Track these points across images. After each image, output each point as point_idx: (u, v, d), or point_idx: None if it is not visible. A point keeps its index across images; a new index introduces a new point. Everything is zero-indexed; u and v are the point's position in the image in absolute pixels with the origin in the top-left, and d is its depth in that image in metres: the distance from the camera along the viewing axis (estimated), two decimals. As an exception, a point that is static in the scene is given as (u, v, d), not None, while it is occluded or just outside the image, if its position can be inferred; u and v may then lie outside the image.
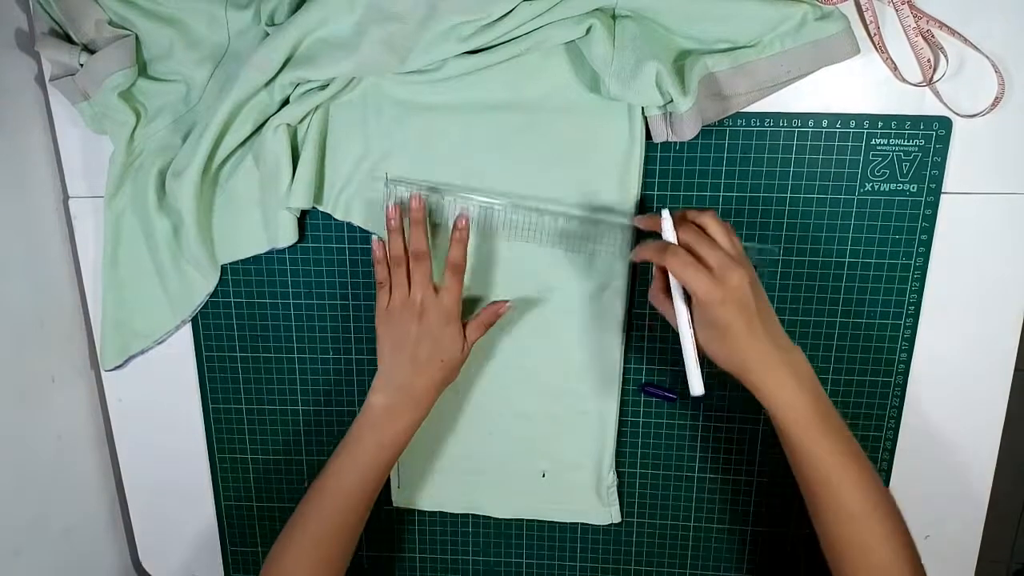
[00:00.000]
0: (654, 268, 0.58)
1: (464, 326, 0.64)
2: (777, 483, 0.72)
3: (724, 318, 0.52)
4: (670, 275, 0.55)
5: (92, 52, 0.62)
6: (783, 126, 0.62)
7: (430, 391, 0.63)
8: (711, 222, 0.54)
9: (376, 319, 0.64)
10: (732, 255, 0.53)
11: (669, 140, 0.61)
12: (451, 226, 0.64)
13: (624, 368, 0.69)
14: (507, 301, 0.65)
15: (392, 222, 0.63)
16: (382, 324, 0.63)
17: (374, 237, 0.64)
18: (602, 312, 0.67)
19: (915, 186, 0.63)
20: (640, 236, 0.64)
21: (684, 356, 0.56)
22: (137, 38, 0.63)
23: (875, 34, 0.59)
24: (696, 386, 0.56)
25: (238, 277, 0.70)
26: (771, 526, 0.73)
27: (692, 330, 0.55)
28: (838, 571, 0.58)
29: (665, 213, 0.55)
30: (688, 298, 0.55)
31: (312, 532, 0.64)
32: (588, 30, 0.57)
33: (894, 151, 0.62)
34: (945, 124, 0.61)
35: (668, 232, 0.55)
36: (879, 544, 0.56)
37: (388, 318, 0.63)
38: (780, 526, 0.73)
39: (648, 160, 0.63)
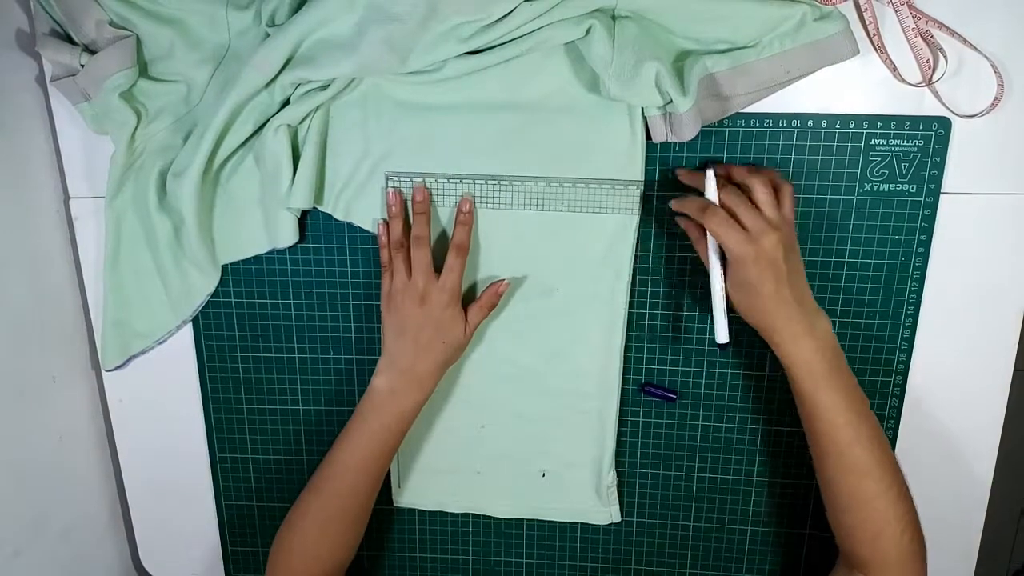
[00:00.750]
0: (685, 224, 0.62)
1: (465, 310, 0.64)
2: (777, 483, 0.72)
3: (754, 276, 0.55)
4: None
5: (93, 53, 0.62)
6: (783, 126, 0.62)
7: (432, 373, 0.64)
8: (758, 185, 0.56)
9: (381, 303, 0.65)
10: (770, 218, 0.55)
11: (669, 140, 0.61)
12: (454, 211, 0.65)
13: (624, 368, 0.69)
14: (503, 280, 0.66)
15: (393, 208, 0.64)
16: (385, 308, 0.64)
17: (379, 220, 0.65)
18: (602, 312, 0.67)
19: (914, 186, 0.63)
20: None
21: (713, 306, 0.59)
22: (138, 39, 0.63)
23: (874, 34, 0.59)
24: (721, 335, 0.59)
25: (239, 277, 0.70)
26: (771, 526, 0.73)
27: (724, 284, 0.59)
28: (838, 524, 0.61)
29: (709, 173, 0.58)
30: (723, 253, 0.58)
31: (317, 513, 0.65)
32: (588, 31, 0.57)
33: (893, 151, 0.62)
34: (944, 124, 0.61)
35: (711, 191, 0.58)
36: (880, 499, 0.58)
37: (390, 302, 0.64)
38: (780, 526, 0.73)
39: (648, 160, 0.64)
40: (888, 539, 0.59)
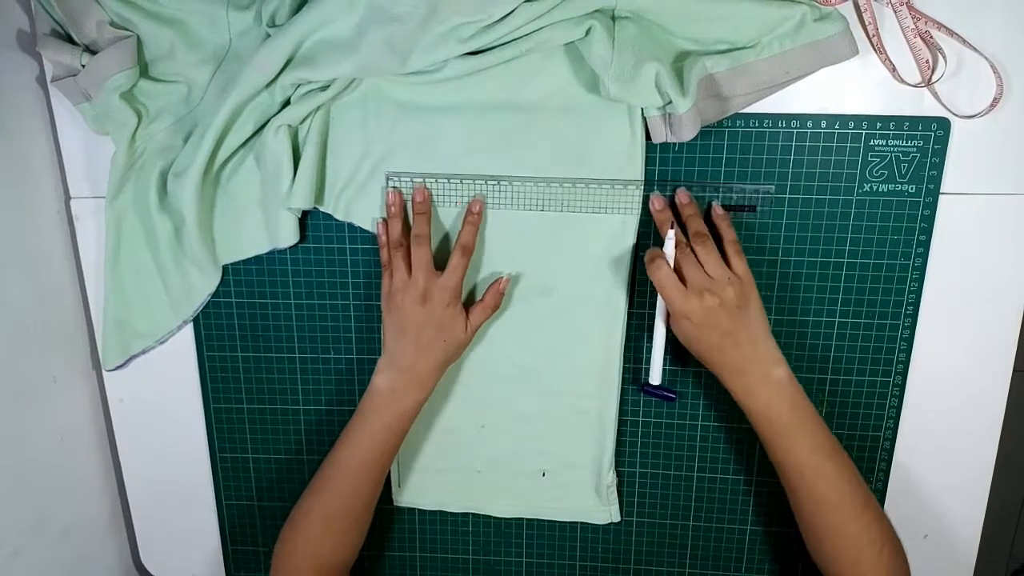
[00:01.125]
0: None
1: (467, 311, 0.64)
2: (777, 483, 0.72)
3: (688, 333, 0.59)
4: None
5: (93, 53, 0.62)
6: (782, 126, 0.63)
7: (433, 372, 0.64)
8: (703, 249, 0.59)
9: (381, 302, 0.65)
10: (714, 279, 0.58)
11: (669, 141, 0.61)
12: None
13: (624, 368, 0.69)
14: (503, 276, 0.66)
15: (392, 208, 0.64)
16: (385, 307, 0.65)
17: (379, 219, 0.65)
18: (602, 312, 0.67)
19: (913, 187, 0.63)
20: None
21: (653, 347, 0.63)
22: (138, 39, 0.63)
23: (874, 35, 0.59)
24: (655, 375, 0.64)
25: (239, 277, 0.70)
26: (771, 526, 0.73)
27: (666, 327, 0.63)
28: (818, 552, 0.62)
29: (671, 234, 0.60)
30: None
31: (320, 512, 0.66)
32: (588, 31, 0.57)
33: (893, 152, 0.62)
34: (944, 125, 0.61)
35: (668, 250, 0.60)
36: (853, 526, 0.59)
37: (391, 301, 0.64)
38: (780, 526, 0.73)
39: (648, 161, 0.64)
40: (867, 562, 0.60)
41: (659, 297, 0.62)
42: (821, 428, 0.60)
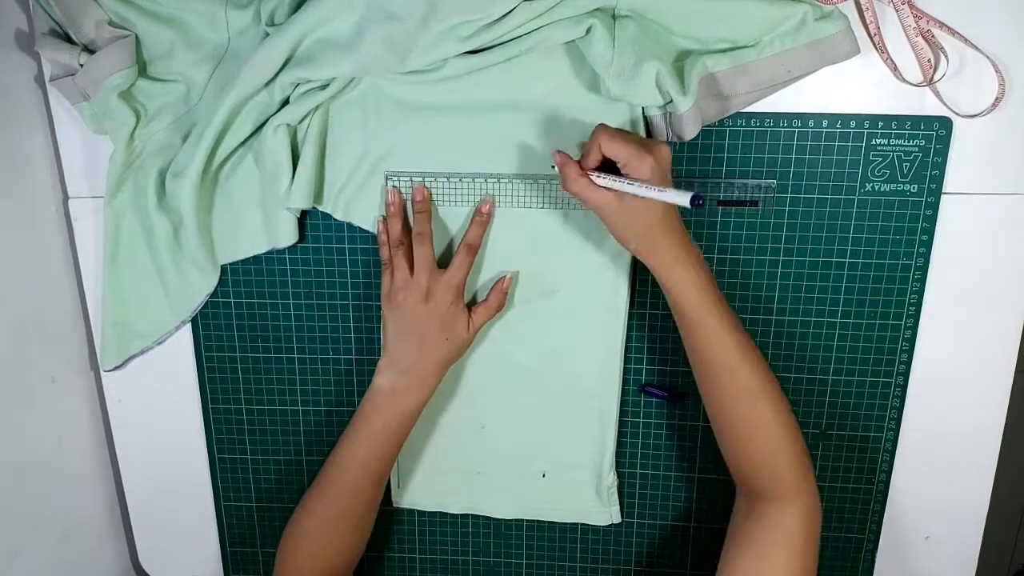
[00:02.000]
0: (562, 165, 0.56)
1: (469, 310, 0.64)
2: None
3: (652, 180, 0.52)
4: (591, 172, 0.55)
5: (92, 52, 0.62)
6: (783, 126, 0.62)
7: (435, 372, 0.64)
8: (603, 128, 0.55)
9: (381, 301, 0.65)
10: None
11: (669, 140, 0.61)
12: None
13: (624, 368, 0.69)
14: (505, 275, 0.65)
15: (391, 208, 0.63)
16: (386, 306, 0.64)
17: (379, 217, 0.65)
18: (602, 312, 0.67)
19: (915, 186, 0.63)
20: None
21: (653, 194, 0.52)
22: (137, 38, 0.63)
23: (875, 34, 0.59)
24: (684, 197, 0.50)
25: (238, 277, 0.70)
26: (771, 526, 0.73)
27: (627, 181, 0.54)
28: (735, 454, 0.61)
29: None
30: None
31: (322, 513, 0.65)
32: (588, 30, 0.57)
33: (894, 151, 0.62)
34: (945, 124, 0.61)
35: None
36: (773, 418, 0.58)
37: (391, 300, 0.63)
38: (780, 526, 0.73)
39: (648, 160, 0.63)
40: (785, 456, 0.58)
41: (606, 177, 0.54)
42: (735, 315, 0.59)
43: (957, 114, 0.61)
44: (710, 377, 0.60)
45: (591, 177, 0.55)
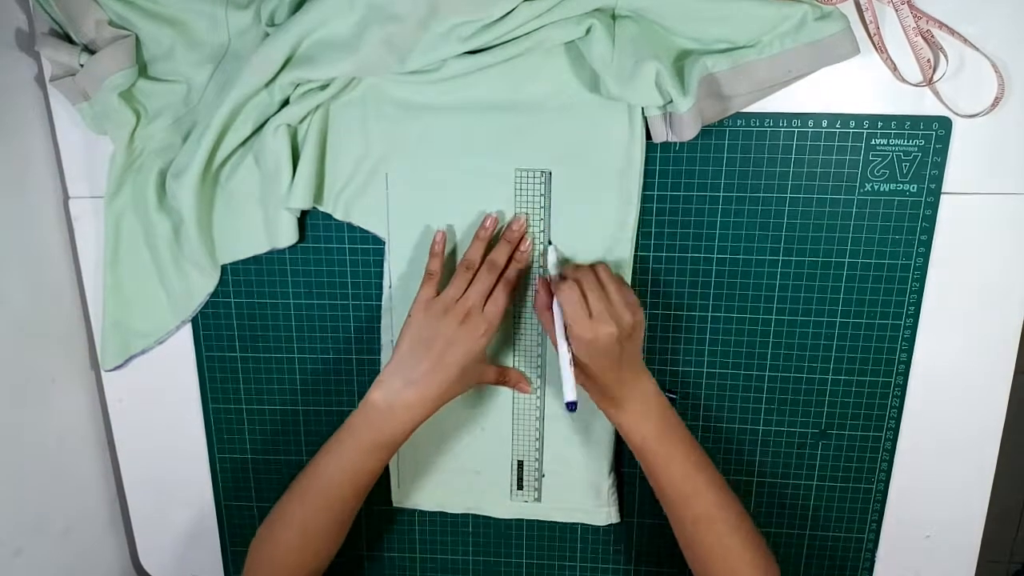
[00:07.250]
0: (538, 285, 0.63)
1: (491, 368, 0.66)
2: (777, 484, 0.72)
3: (586, 356, 0.58)
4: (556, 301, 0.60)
5: (92, 52, 0.62)
6: (783, 126, 0.62)
7: (438, 393, 0.61)
8: (604, 271, 0.59)
9: (413, 307, 0.62)
10: (615, 306, 0.57)
11: (669, 140, 0.61)
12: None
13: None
14: (529, 385, 0.68)
15: (484, 232, 0.64)
16: (420, 314, 0.62)
17: (439, 230, 0.65)
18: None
19: (915, 186, 0.63)
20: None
21: (560, 365, 0.60)
22: (137, 38, 0.63)
23: (875, 34, 0.59)
24: (569, 393, 0.59)
25: (238, 277, 0.70)
26: (771, 526, 0.73)
27: (570, 348, 0.60)
28: (692, 567, 0.64)
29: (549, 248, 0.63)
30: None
31: (301, 526, 0.64)
32: (588, 30, 0.57)
33: (894, 151, 0.62)
34: (945, 124, 0.61)
35: (551, 264, 0.63)
36: (728, 543, 0.61)
37: (427, 311, 0.61)
38: (780, 526, 0.73)
39: (648, 160, 0.63)
40: (746, 572, 0.61)
41: (557, 317, 0.60)
42: (691, 441, 0.63)
43: (957, 114, 0.61)
44: (665, 502, 0.64)
45: (553, 309, 0.60)
